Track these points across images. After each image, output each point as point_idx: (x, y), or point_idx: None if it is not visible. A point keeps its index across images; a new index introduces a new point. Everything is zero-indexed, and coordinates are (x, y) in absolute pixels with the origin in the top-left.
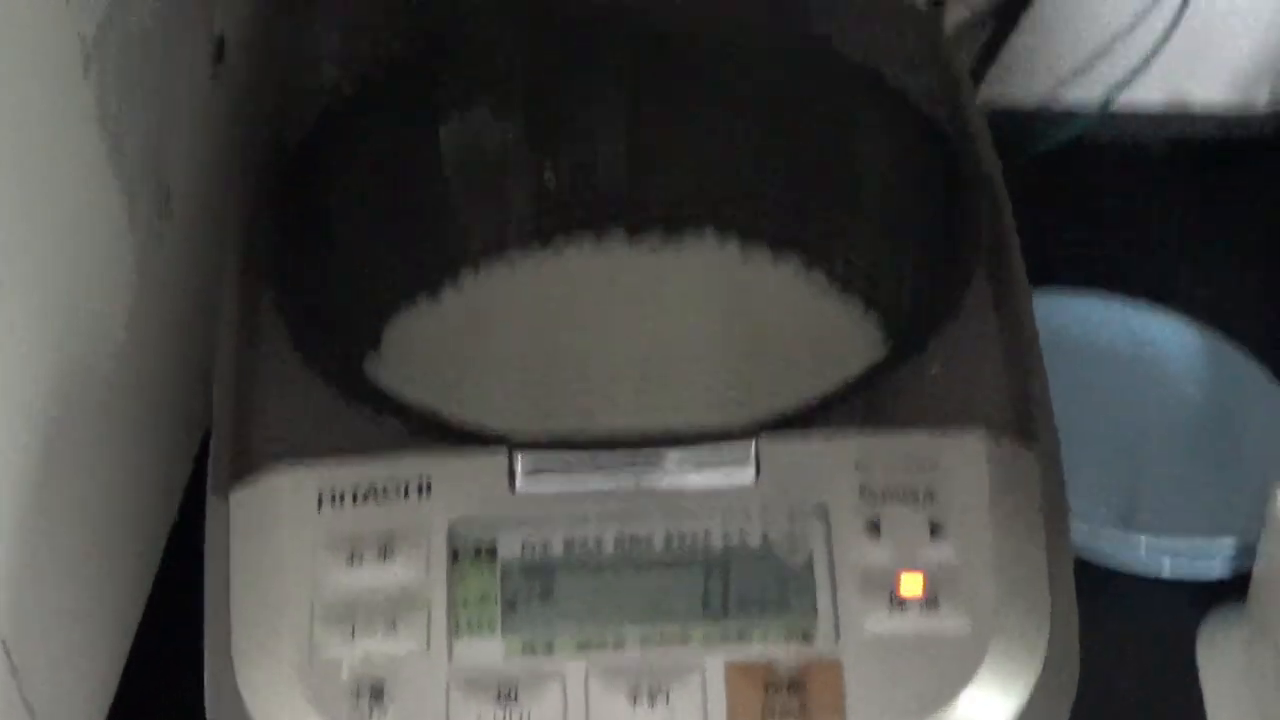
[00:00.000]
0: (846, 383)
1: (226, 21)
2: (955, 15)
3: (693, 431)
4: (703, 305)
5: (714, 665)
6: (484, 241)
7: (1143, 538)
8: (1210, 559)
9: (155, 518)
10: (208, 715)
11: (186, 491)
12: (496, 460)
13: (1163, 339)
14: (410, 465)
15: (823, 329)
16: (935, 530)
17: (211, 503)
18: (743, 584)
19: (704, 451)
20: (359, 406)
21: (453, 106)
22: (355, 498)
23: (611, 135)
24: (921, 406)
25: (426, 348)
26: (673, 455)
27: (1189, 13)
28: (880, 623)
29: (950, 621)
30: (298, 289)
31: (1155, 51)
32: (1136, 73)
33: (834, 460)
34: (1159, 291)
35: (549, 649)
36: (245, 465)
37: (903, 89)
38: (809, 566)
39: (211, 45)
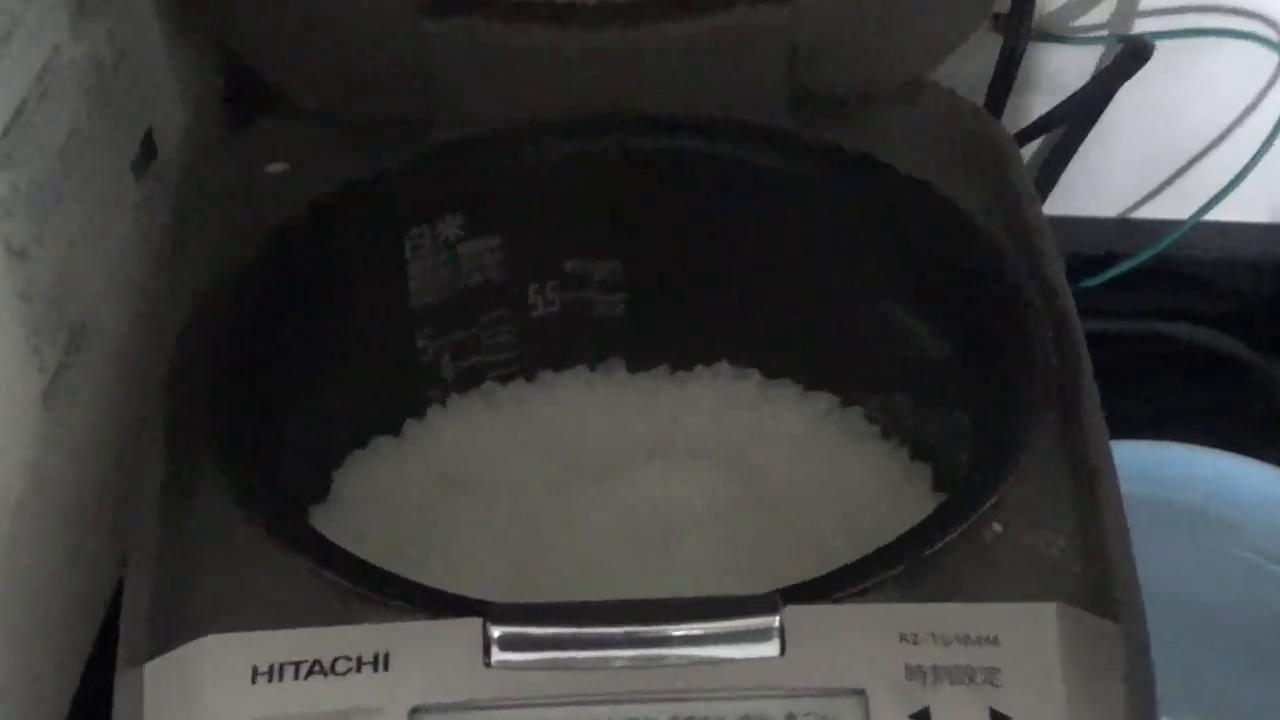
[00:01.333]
0: (889, 542)
1: (155, 118)
2: (1017, 120)
3: (704, 601)
4: (716, 447)
5: None
6: (455, 372)
7: None
8: None
9: (53, 686)
10: None
11: (91, 658)
12: (468, 631)
13: (1261, 496)
14: (364, 635)
15: (860, 478)
16: None
17: (123, 674)
18: None
19: (717, 625)
20: (302, 563)
21: (418, 225)
22: (298, 672)
23: (609, 255)
24: (980, 571)
25: (384, 496)
26: (680, 630)
27: None
28: None
29: None
30: (234, 428)
31: (1248, 168)
32: (1225, 190)
33: (874, 635)
34: (1253, 440)
35: None
36: (165, 630)
37: (955, 202)
38: None
39: (138, 147)
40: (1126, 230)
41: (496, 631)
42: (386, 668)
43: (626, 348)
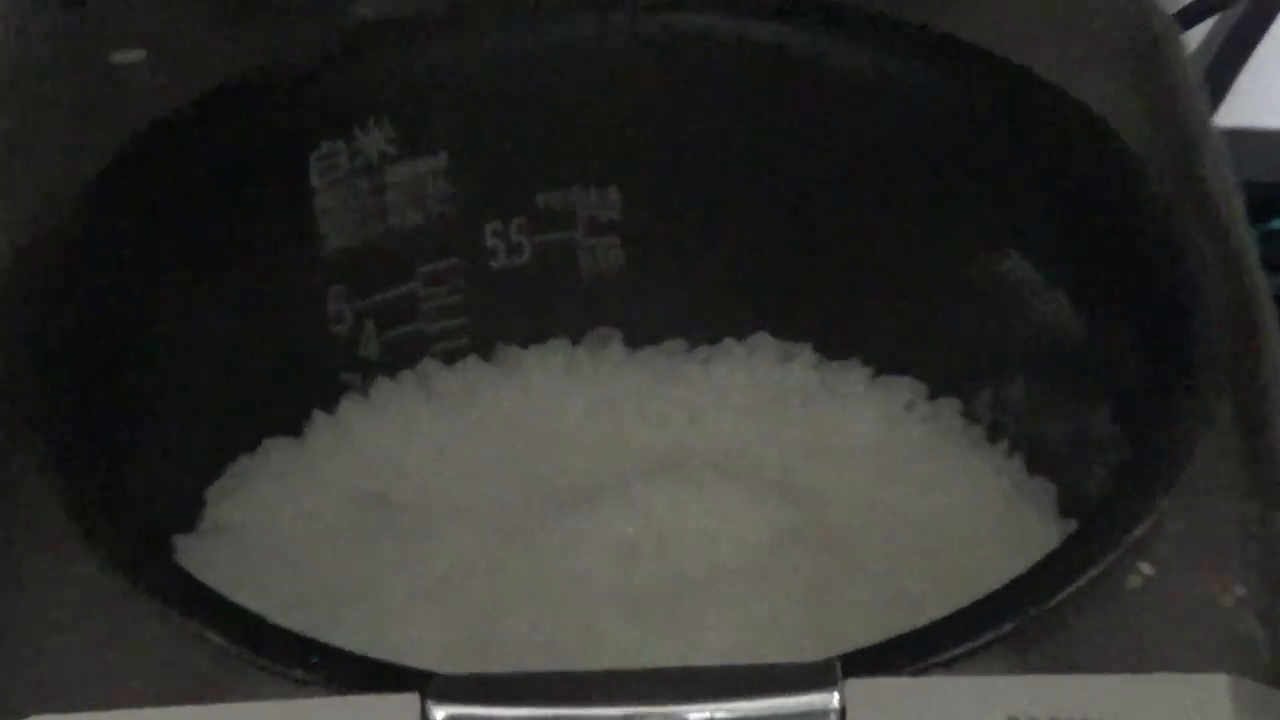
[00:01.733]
0: (994, 591)
1: None
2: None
3: (732, 672)
4: (752, 458)
5: None
6: (381, 347)
7: None
8: None
9: None
10: None
11: None
12: (399, 713)
13: None
14: (253, 717)
15: (955, 500)
16: None
17: None
18: None
19: (751, 706)
20: (164, 615)
21: (330, 139)
22: None
23: (603, 181)
24: (1122, 631)
25: (279, 522)
26: (697, 713)
27: None
28: None
29: None
30: (68, 425)
31: None
32: None
33: (970, 714)
34: None
35: None
36: None
37: (1092, 110)
38: None
39: None
40: None
41: (439, 714)
42: None
43: (625, 314)
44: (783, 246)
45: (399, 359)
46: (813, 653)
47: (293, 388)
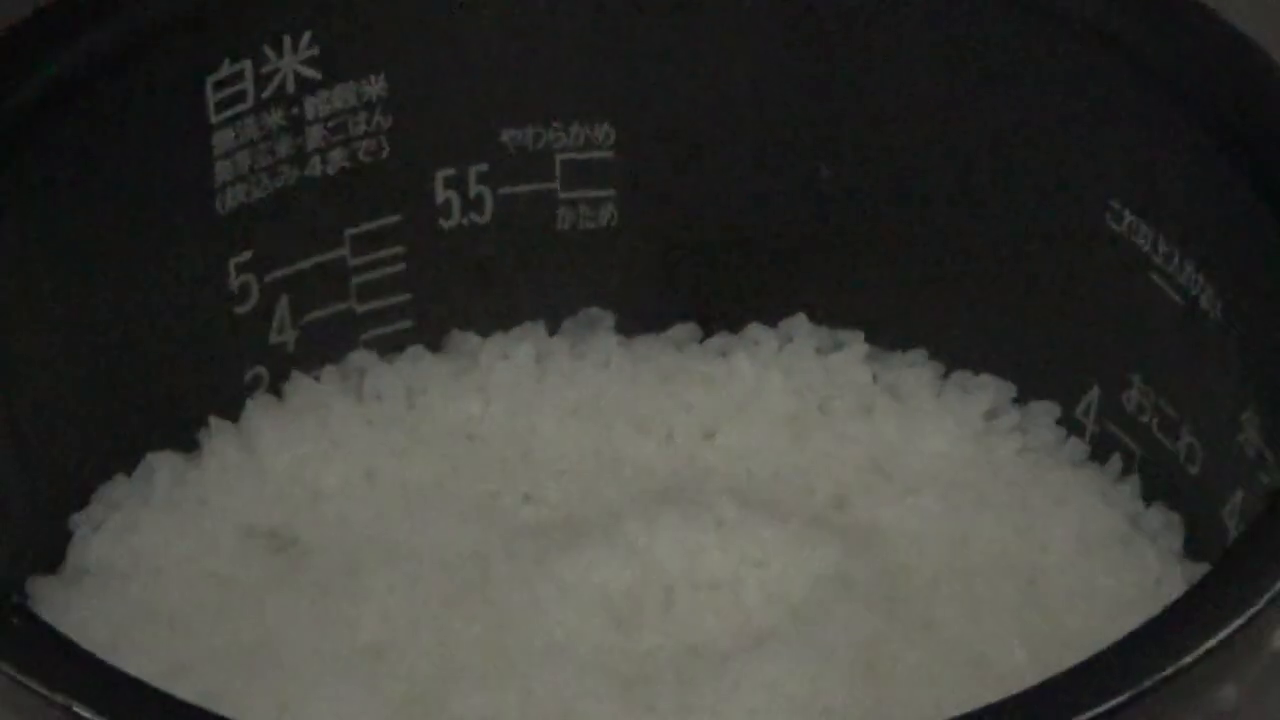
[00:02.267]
0: (1102, 650)
1: None
2: None
3: None
4: (786, 484)
5: None
6: (298, 333)
7: None
8: None
9: None
10: None
11: None
12: None
13: None
14: None
15: (1052, 535)
16: None
17: None
18: None
19: None
20: (16, 684)
21: (232, 58)
22: None
23: (591, 114)
24: (1272, 701)
25: (163, 563)
26: None
27: None
28: None
29: None
30: None
31: None
32: None
33: None
34: None
35: None
36: None
37: (1239, 32)
38: None
39: None
40: None
41: None
42: None
43: (619, 290)
44: (826, 201)
45: (321, 349)
46: None
47: (183, 386)
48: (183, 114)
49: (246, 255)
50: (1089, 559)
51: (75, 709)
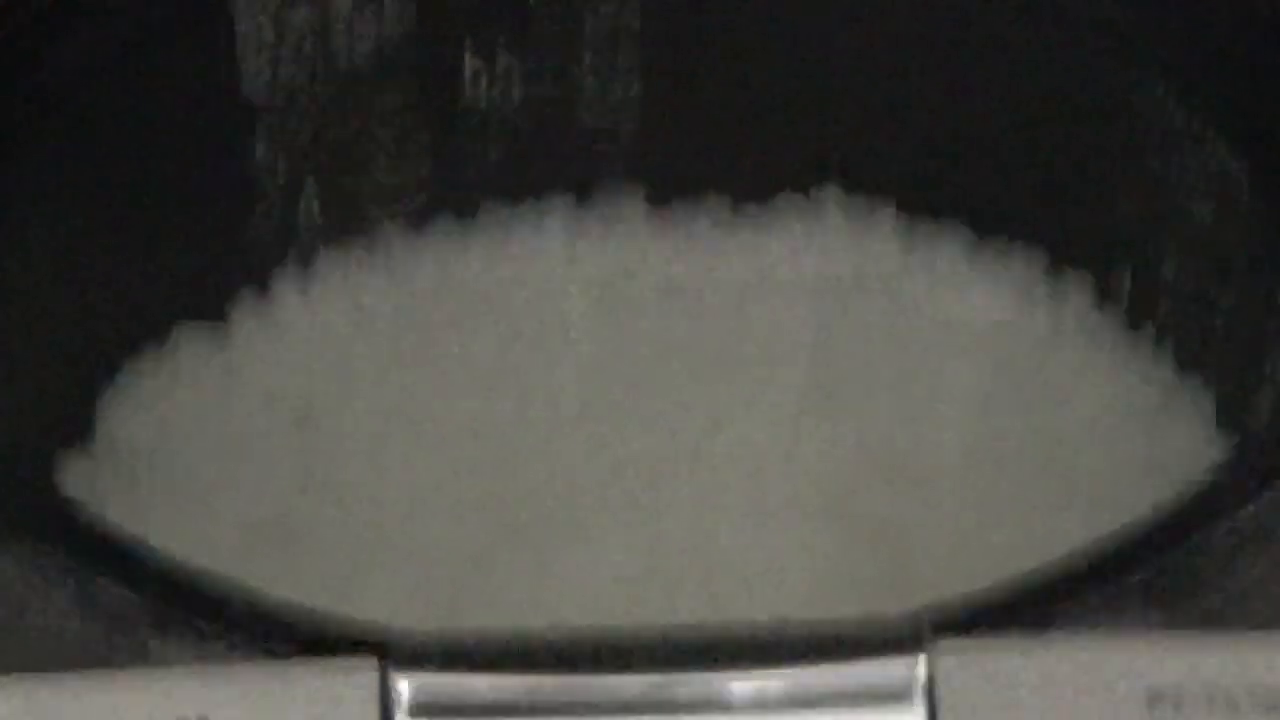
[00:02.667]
0: (1129, 524)
1: None
2: None
3: (782, 631)
4: (810, 351)
5: None
6: (324, 212)
7: None
8: None
9: None
10: None
11: None
12: (353, 684)
13: None
14: (160, 690)
15: (1081, 407)
16: None
17: None
18: None
19: (809, 674)
20: (43, 557)
21: None
22: None
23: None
24: None
25: (193, 436)
26: (740, 683)
27: None
28: None
29: None
30: None
31: None
32: None
33: (1098, 694)
34: None
35: None
36: None
37: None
38: None
39: None
40: None
41: (404, 684)
42: None
43: (644, 159)
44: (855, 68)
45: (346, 227)
46: (891, 605)
47: (210, 263)
48: None
49: (273, 137)
50: (1122, 430)
51: (100, 581)
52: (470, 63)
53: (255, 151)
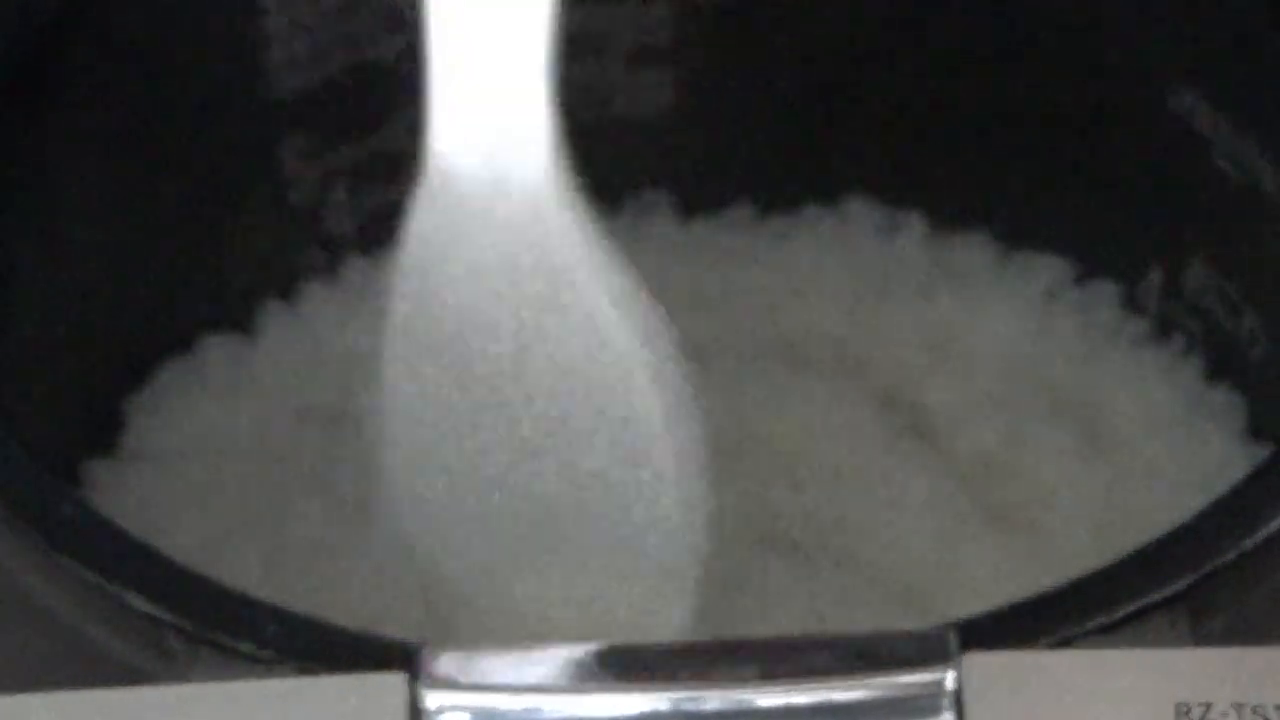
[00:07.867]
0: (1160, 535)
1: None
2: None
3: (812, 643)
4: (844, 357)
5: None
6: (354, 216)
7: None
8: None
9: None
10: None
11: None
12: (380, 698)
13: None
14: (202, 704)
15: (1111, 413)
16: None
17: None
18: None
19: (838, 686)
20: (68, 569)
21: None
22: None
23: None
24: None
25: (218, 444)
26: (768, 696)
27: None
28: None
29: None
30: None
31: None
32: None
33: (1130, 705)
34: None
35: None
36: None
37: None
38: None
39: None
40: None
41: (432, 699)
42: None
43: (677, 172)
44: (884, 79)
45: (378, 232)
46: (920, 619)
47: (239, 270)
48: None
49: (301, 139)
50: (1151, 440)
51: (128, 597)
52: None
53: (282, 155)
